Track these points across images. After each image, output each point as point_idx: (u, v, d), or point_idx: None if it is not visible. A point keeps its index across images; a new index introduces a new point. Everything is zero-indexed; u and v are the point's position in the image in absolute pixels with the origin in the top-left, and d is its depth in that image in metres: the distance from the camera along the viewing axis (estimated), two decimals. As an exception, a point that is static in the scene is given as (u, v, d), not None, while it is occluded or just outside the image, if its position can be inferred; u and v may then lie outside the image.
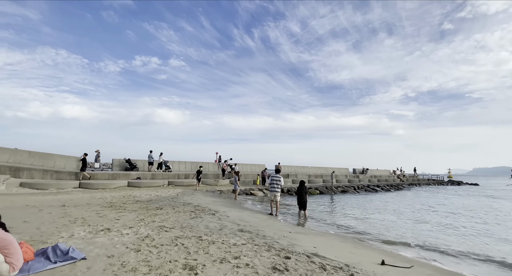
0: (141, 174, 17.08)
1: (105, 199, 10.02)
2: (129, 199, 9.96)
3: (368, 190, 25.80)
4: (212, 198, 11.94)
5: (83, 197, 10.24)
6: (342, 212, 11.73)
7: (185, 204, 8.98)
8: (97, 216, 6.51)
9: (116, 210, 7.52)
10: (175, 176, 18.30)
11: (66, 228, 5.22)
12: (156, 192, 12.58)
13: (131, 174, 16.59)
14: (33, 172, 13.59)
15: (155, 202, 9.40)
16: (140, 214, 6.83)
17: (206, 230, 5.18)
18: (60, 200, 9.34)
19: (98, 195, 11.23)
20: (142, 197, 10.65)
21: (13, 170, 13.10)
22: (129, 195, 11.26)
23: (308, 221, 8.63)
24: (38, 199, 9.58)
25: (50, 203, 8.61)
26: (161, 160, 19.30)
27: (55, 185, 12.61)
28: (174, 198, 10.69)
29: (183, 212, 7.28)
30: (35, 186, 12.15)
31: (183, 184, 16.54)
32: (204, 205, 9.01)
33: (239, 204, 11.48)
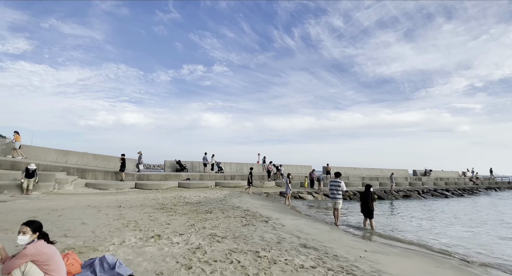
0: (190, 175, 17.43)
1: (157, 200, 10.14)
2: (180, 201, 9.89)
3: (436, 195, 22.35)
4: (260, 201, 11.28)
5: (137, 198, 10.56)
6: (413, 221, 9.91)
7: (234, 207, 8.46)
8: (149, 219, 6.33)
9: (167, 212, 7.34)
10: (221, 177, 18.27)
11: (118, 232, 5.03)
12: (205, 193, 12.46)
13: (181, 175, 17.03)
14: (96, 173, 14.81)
15: (204, 204, 9.10)
16: (190, 218, 6.47)
17: (262, 243, 4.43)
18: (118, 201, 9.71)
19: (151, 195, 11.52)
20: (192, 199, 10.54)
21: (80, 171, 14.43)
22: (179, 196, 11.30)
23: (377, 233, 7.29)
24: (99, 199, 10.15)
25: (108, 203, 8.95)
26: (214, 161, 19.67)
27: (115, 186, 13.45)
28: (222, 200, 10.32)
29: (233, 217, 6.70)
30: (97, 186, 13.13)
31: (230, 185, 16.32)
32: (253, 209, 8.35)
33: (290, 209, 10.57)
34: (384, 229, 8.06)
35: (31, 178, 10.62)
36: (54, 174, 12.21)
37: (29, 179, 10.54)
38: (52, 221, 5.99)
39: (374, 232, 7.46)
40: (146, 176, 16.17)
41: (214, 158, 19.84)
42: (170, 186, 14.71)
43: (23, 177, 10.47)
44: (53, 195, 10.98)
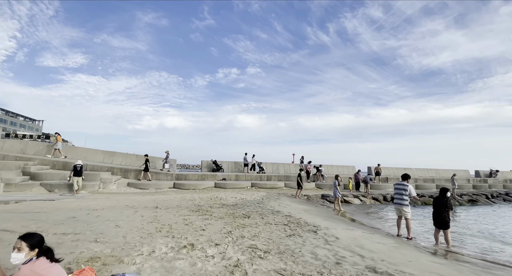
0: (226, 175, 17.08)
1: (194, 200, 9.78)
2: (216, 202, 9.38)
3: (508, 200, 18.84)
4: (301, 205, 10.25)
5: (174, 198, 10.35)
6: (495, 233, 7.96)
7: (274, 212, 7.60)
8: (183, 223, 5.81)
9: (202, 215, 6.80)
10: (257, 178, 17.59)
11: (150, 239, 4.53)
12: (241, 195, 11.85)
13: (217, 175, 16.77)
14: (138, 173, 15.22)
15: (241, 207, 8.42)
16: (226, 224, 5.79)
17: (316, 263, 3.49)
18: (155, 201, 9.57)
19: (188, 195, 11.27)
20: (228, 200, 9.97)
21: (123, 171, 14.97)
22: (215, 197, 10.84)
23: (455, 249, 5.79)
24: (138, 199, 10.16)
25: (146, 204, 8.81)
26: (254, 161, 19.22)
27: (154, 185, 13.61)
28: (259, 203, 9.54)
29: (275, 224, 5.84)
30: (138, 186, 13.39)
31: (266, 186, 15.54)
32: (296, 215, 7.40)
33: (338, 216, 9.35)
34: (463, 245, 6.45)
35: (79, 176, 10.96)
36: (99, 174, 12.74)
37: (77, 177, 10.88)
38: (89, 222, 5.82)
39: (449, 246, 5.94)
40: (184, 175, 16.23)
41: (255, 158, 19.35)
42: (207, 186, 14.46)
43: (70, 175, 10.88)
44: (97, 194, 11.38)
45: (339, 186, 10.29)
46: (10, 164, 11.85)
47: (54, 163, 13.91)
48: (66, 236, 4.69)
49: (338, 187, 10.23)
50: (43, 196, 9.92)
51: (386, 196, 15.34)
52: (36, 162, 13.44)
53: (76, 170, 10.85)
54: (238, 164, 20.48)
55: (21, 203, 8.43)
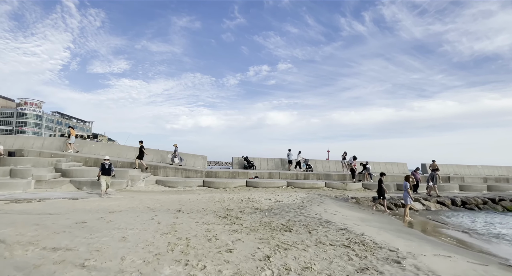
0: (259, 172, 15.63)
1: (222, 202, 8.47)
2: (247, 205, 7.94)
3: None
4: (353, 211, 8.30)
5: (202, 199, 9.17)
6: None
7: (322, 222, 5.86)
8: (205, 237, 4.42)
9: (231, 224, 5.37)
10: (293, 176, 15.84)
11: (155, 264, 3.19)
12: (276, 195, 10.27)
13: (249, 173, 15.42)
14: (167, 169, 14.54)
15: (278, 213, 6.83)
16: (262, 240, 4.26)
17: None
18: (180, 202, 8.46)
19: (217, 196, 10.04)
20: (262, 203, 8.46)
21: (152, 168, 14.37)
22: (247, 198, 9.42)
23: None
24: (163, 198, 9.19)
25: (169, 205, 7.71)
26: (299, 158, 17.58)
27: (183, 183, 12.70)
28: (300, 207, 7.86)
29: (331, 245, 4.13)
30: (167, 184, 12.60)
31: (304, 186, 13.71)
32: (353, 227, 5.58)
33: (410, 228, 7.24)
34: None
35: (108, 175, 9.85)
36: (127, 171, 12.18)
37: (106, 176, 9.76)
38: (94, 230, 4.75)
39: None
40: (214, 173, 15.18)
41: (301, 155, 17.64)
42: (238, 185, 13.17)
43: (99, 174, 9.71)
44: (124, 192, 10.74)
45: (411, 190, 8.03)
46: (43, 161, 11.83)
47: (87, 159, 13.81)
48: (53, 253, 3.59)
49: (410, 192, 8.01)
50: (69, 194, 9.46)
51: (455, 200, 12.48)
52: (69, 159, 13.43)
53: (104, 168, 9.73)
54: (272, 160, 18.92)
55: (43, 202, 7.91)
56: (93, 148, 16.67)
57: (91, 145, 16.89)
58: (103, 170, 9.76)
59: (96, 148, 16.86)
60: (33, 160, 11.61)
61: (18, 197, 8.53)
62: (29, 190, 10.01)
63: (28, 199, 8.20)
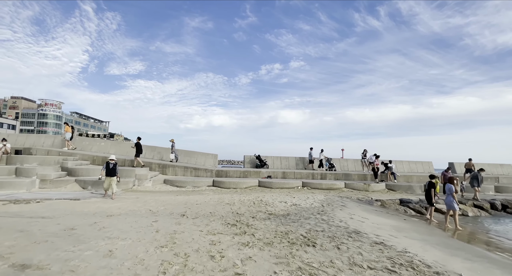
0: (272, 172, 14.72)
1: (232, 205, 7.65)
2: (260, 209, 7.07)
3: None
4: (383, 217, 7.22)
5: (210, 201, 8.39)
6: None
7: (351, 232, 4.89)
8: (209, 253, 3.58)
9: (240, 235, 4.52)
10: (308, 176, 14.80)
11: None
12: (292, 197, 9.34)
13: (261, 172, 14.54)
14: (176, 168, 13.93)
15: (296, 219, 5.92)
16: (279, 259, 3.37)
17: None
18: (186, 204, 7.72)
19: (227, 197, 9.25)
20: (276, 207, 7.57)
21: (161, 167, 13.81)
22: (259, 200, 8.56)
23: None
24: (169, 200, 8.49)
25: (174, 208, 6.97)
26: (322, 157, 16.56)
27: (192, 183, 12.02)
28: (321, 212, 6.90)
29: (370, 269, 3.18)
30: (175, 183, 11.95)
31: (321, 186, 12.66)
32: (390, 239, 4.57)
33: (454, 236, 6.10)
34: None
35: (113, 176, 8.69)
36: (134, 170, 11.63)
37: (110, 177, 8.65)
38: (79, 241, 4.04)
39: None
40: (225, 172, 14.43)
41: (323, 153, 16.58)
42: (250, 185, 12.33)
43: (102, 174, 8.75)
44: (130, 192, 10.16)
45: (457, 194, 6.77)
46: (50, 159, 11.50)
47: (94, 158, 13.43)
48: (18, 273, 2.88)
49: (456, 195, 6.81)
50: (72, 194, 8.96)
51: (494, 203, 11.04)
52: (77, 157, 13.08)
53: (109, 168, 8.63)
54: (286, 159, 17.95)
55: (42, 203, 7.40)
56: (102, 146, 16.37)
57: (100, 143, 16.59)
58: (106, 169, 8.71)
59: (106, 147, 16.56)
60: (39, 158, 11.29)
61: (19, 197, 8.09)
62: (33, 189, 9.62)
63: (28, 199, 7.73)
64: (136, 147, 12.75)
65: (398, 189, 12.93)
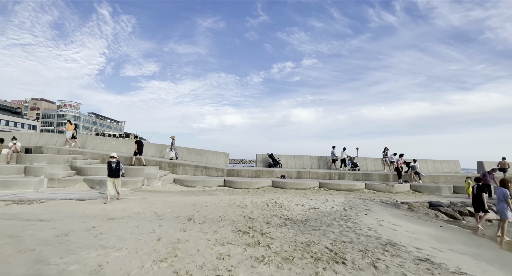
0: (286, 171, 13.98)
1: (244, 208, 7.02)
2: (275, 214, 6.38)
3: None
4: (417, 224, 6.33)
5: (220, 202, 7.80)
6: None
7: (384, 244, 4.11)
8: (215, 270, 2.95)
9: (254, 246, 3.85)
10: (325, 176, 13.95)
11: None
12: (309, 199, 8.59)
13: (274, 171, 13.83)
14: (187, 167, 13.48)
15: (317, 226, 5.19)
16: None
17: None
18: (195, 206, 7.15)
19: (239, 198, 8.63)
20: (293, 210, 6.85)
21: (171, 165, 13.40)
22: (273, 202, 7.87)
23: None
24: (177, 201, 7.97)
25: (181, 211, 6.42)
26: (344, 156, 15.61)
27: (202, 182, 11.50)
28: (344, 218, 6.12)
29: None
30: (185, 183, 11.47)
31: (340, 187, 11.78)
32: (435, 254, 3.77)
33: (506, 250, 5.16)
34: None
35: (117, 177, 7.83)
36: (143, 169, 11.25)
37: (114, 178, 7.77)
38: (69, 250, 3.52)
39: None
40: (237, 171, 13.83)
41: (345, 152, 15.65)
42: (262, 185, 11.66)
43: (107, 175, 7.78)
44: (139, 192, 9.76)
45: None
46: (59, 158, 11.32)
47: (104, 156, 13.20)
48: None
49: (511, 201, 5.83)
50: (79, 194, 8.64)
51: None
52: (87, 156, 12.90)
53: (111, 168, 7.76)
54: (300, 158, 17.13)
55: (46, 204, 7.06)
56: (113, 145, 16.21)
57: (111, 142, 16.43)
58: (109, 170, 7.83)
59: (117, 145, 16.39)
60: (48, 157, 11.13)
61: (25, 197, 7.82)
62: (41, 188, 9.40)
63: (33, 199, 7.43)
64: (137, 145, 12.09)
65: (424, 190, 11.84)
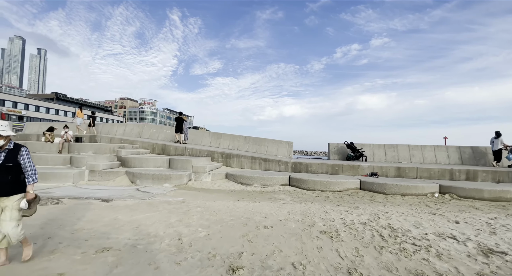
0: (377, 167, 9.96)
1: (337, 239, 3.82)
2: (415, 266, 2.96)
3: None
4: None
5: (289, 218, 4.77)
6: None
7: None
8: None
9: None
10: (443, 174, 9.33)
11: None
12: (450, 222, 4.76)
13: (360, 167, 9.98)
14: (242, 159, 10.96)
15: None
16: None
17: None
18: (247, 225, 4.31)
19: (317, 210, 5.46)
20: (452, 260, 3.27)
21: (224, 157, 11.08)
22: (386, 226, 4.40)
23: None
24: (224, 209, 5.33)
25: (220, 239, 3.66)
26: (500, 146, 10.45)
27: (260, 180, 8.71)
28: None
29: None
30: (239, 179, 8.90)
31: (481, 194, 7.21)
32: None
33: None
34: None
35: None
36: (190, 161, 9.15)
37: None
38: None
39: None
40: (305, 165, 10.54)
41: (501, 139, 10.48)
42: (347, 187, 8.12)
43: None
44: (182, 190, 7.61)
45: None
46: (105, 147, 10.25)
47: (154, 146, 11.83)
48: None
49: None
50: (110, 191, 6.95)
51: None
52: (137, 145, 11.73)
53: None
54: (392, 148, 12.63)
55: (61, 205, 5.39)
56: (168, 133, 15.04)
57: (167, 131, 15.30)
58: None
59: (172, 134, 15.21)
60: (94, 146, 10.16)
61: (52, 194, 6.46)
62: (82, 182, 8.21)
63: (56, 197, 5.94)
64: (177, 122, 12.50)
65: None
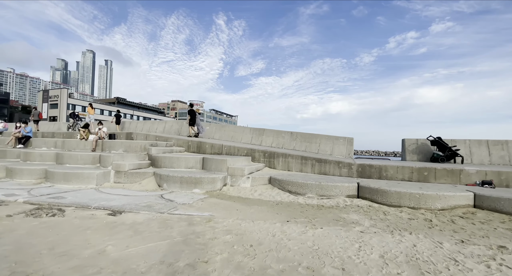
0: (490, 171, 6.80)
1: None
2: None
3: None
4: None
5: (386, 262, 2.55)
6: None
7: None
8: None
9: None
10: None
11: None
12: None
13: (464, 171, 6.94)
14: (289, 159, 8.86)
15: None
16: None
17: None
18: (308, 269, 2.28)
19: (427, 248, 3.09)
20: None
21: (267, 156, 9.14)
22: None
23: None
24: (267, 242, 3.38)
25: None
26: None
27: (316, 187, 6.48)
28: None
29: None
30: (286, 186, 6.83)
31: None
32: None
33: None
34: None
35: None
36: (225, 161, 7.45)
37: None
38: None
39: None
40: (377, 169, 7.83)
41: None
42: (452, 204, 5.35)
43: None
44: (213, 199, 5.92)
45: None
46: (136, 145, 9.28)
47: (189, 143, 10.56)
48: None
49: None
50: (128, 198, 5.62)
51: None
52: (171, 142, 10.61)
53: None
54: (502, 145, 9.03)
55: (56, 218, 4.13)
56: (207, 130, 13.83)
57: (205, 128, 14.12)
58: None
59: (210, 131, 13.95)
60: (125, 143, 9.27)
61: (62, 200, 5.40)
62: (107, 183, 7.20)
63: (65, 205, 4.81)
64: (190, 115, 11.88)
65: None
